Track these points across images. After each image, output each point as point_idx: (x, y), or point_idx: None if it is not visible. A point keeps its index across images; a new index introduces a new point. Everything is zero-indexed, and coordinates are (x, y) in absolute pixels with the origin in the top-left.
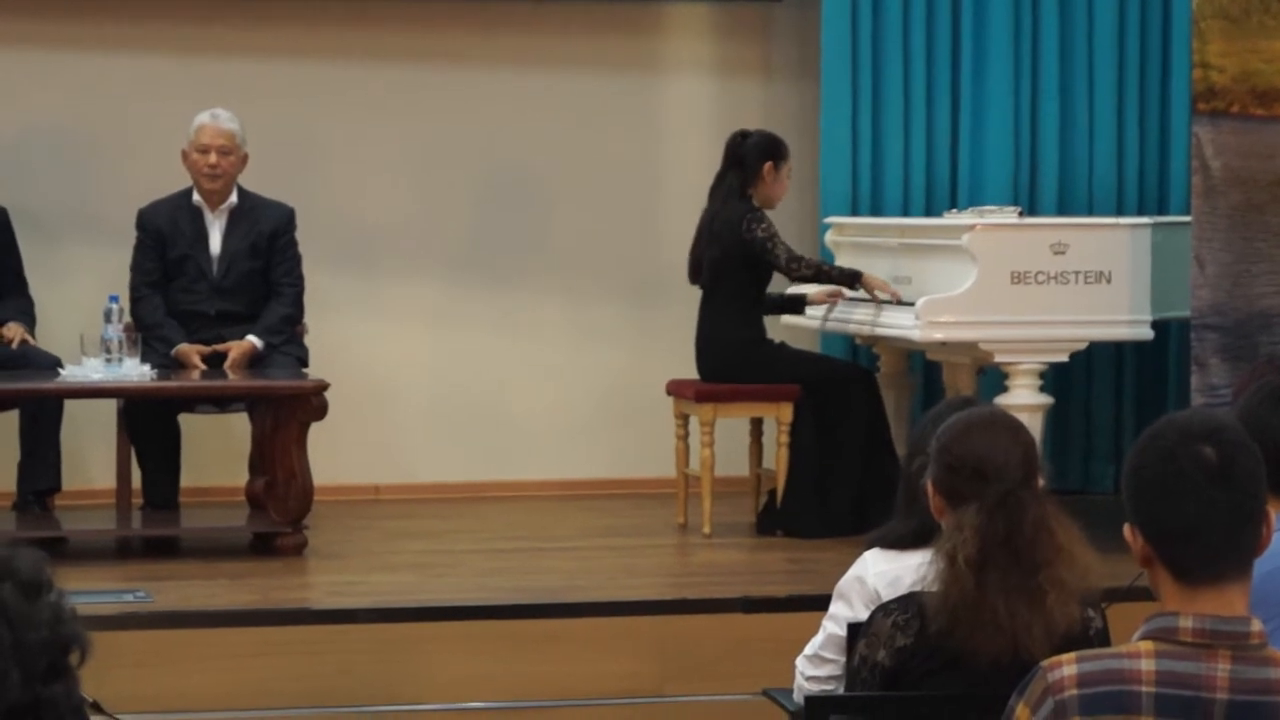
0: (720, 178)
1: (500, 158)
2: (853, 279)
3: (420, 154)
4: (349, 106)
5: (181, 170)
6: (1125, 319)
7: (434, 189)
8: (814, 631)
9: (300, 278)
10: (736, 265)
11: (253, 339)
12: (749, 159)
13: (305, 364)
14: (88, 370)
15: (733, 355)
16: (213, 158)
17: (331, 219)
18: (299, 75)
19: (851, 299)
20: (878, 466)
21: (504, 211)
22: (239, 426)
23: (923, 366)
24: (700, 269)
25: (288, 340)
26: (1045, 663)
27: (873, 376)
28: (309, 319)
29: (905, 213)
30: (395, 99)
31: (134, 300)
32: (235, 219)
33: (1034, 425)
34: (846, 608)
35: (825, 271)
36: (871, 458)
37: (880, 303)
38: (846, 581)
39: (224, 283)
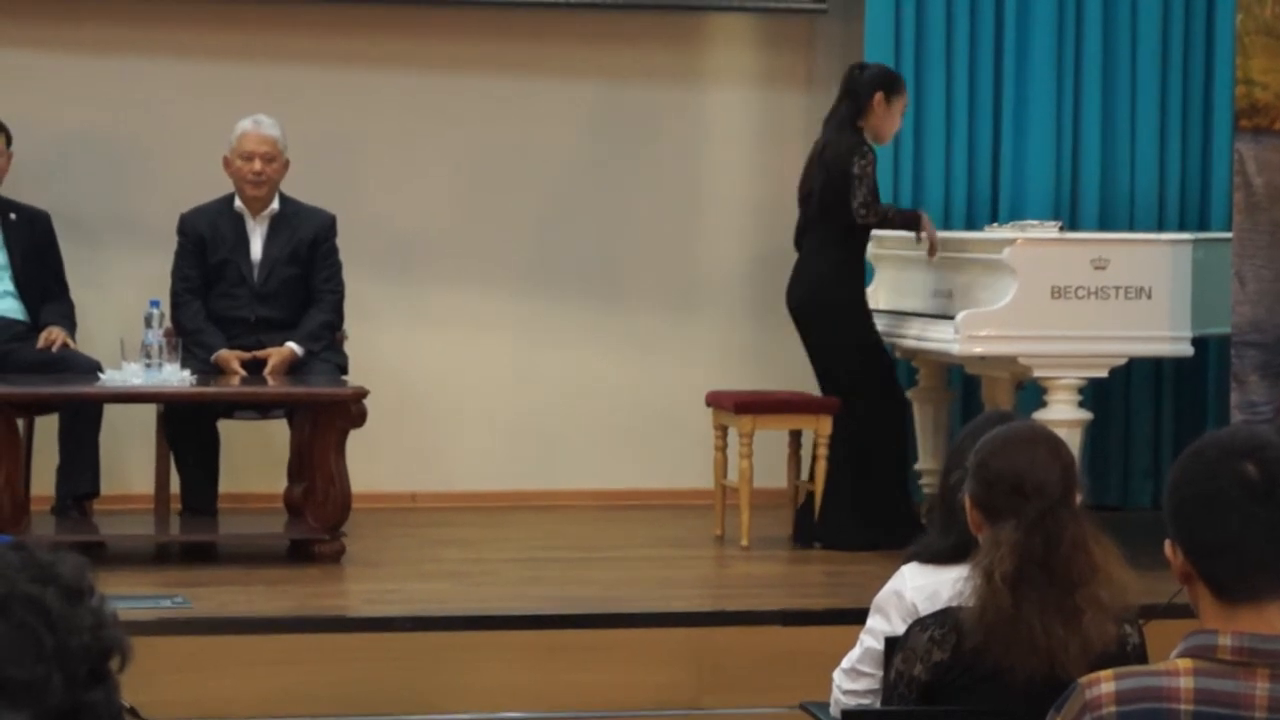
0: (834, 110)
1: (541, 166)
2: (914, 222)
3: (462, 162)
4: (391, 113)
5: (223, 175)
6: (1165, 335)
7: (475, 197)
8: (851, 645)
9: (340, 285)
10: (844, 195)
11: (292, 345)
12: (861, 90)
13: (345, 371)
14: (127, 375)
15: (822, 294)
16: (255, 164)
17: (373, 226)
18: (341, 82)
19: (896, 312)
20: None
21: (545, 220)
22: (278, 433)
23: (961, 381)
24: (810, 198)
25: (327, 347)
26: (1083, 680)
27: (904, 404)
28: (349, 326)
29: (946, 226)
30: (437, 106)
31: (174, 305)
32: (276, 225)
33: (1073, 441)
34: (884, 621)
35: (889, 219)
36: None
37: (926, 245)
38: (884, 595)
39: (264, 289)
